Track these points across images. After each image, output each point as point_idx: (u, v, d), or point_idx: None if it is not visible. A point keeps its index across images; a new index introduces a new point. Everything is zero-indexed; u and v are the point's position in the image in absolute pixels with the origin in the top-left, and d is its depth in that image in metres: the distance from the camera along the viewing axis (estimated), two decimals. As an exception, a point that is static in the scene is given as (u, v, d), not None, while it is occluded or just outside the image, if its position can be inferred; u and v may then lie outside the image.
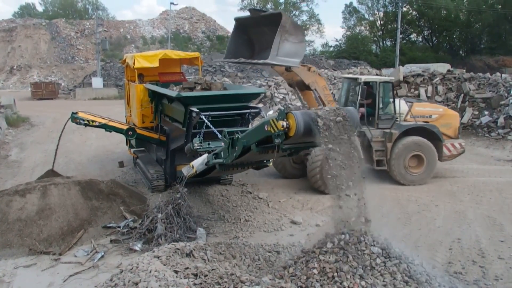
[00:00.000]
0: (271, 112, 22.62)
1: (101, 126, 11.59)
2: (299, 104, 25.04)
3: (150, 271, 5.53)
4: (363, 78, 12.90)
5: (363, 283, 5.35)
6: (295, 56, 10.85)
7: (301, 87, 13.26)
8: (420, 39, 74.02)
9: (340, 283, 5.35)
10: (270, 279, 5.53)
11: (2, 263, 7.94)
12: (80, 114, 11.52)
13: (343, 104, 13.43)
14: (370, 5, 74.25)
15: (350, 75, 17.64)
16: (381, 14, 73.92)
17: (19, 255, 8.17)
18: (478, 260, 7.81)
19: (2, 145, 18.21)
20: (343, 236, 5.94)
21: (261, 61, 10.38)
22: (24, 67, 59.57)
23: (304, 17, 78.94)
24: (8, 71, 59.86)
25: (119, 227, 9.08)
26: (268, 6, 77.64)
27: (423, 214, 10.34)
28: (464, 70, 27.23)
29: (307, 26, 78.33)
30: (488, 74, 23.55)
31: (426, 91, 23.25)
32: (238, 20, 11.15)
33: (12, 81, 57.39)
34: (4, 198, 9.22)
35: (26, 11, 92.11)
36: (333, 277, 5.44)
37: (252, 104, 10.37)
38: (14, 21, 75.73)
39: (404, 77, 23.94)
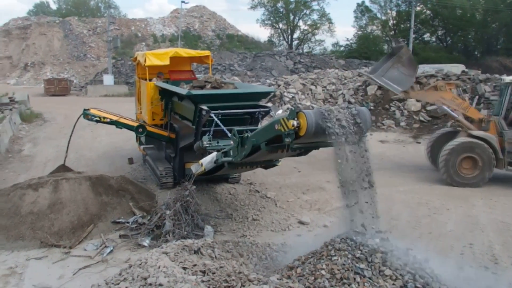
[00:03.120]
0: (280, 112, 22.71)
1: (112, 122, 11.68)
2: (308, 103, 25.11)
3: (159, 267, 5.58)
4: None
5: (371, 286, 5.35)
6: (399, 84, 12.57)
7: None
8: (434, 39, 73.01)
9: (349, 285, 5.36)
10: (277, 279, 5.56)
11: (15, 254, 8.11)
12: (92, 111, 11.62)
13: (505, 111, 13.04)
14: (382, 4, 73.64)
15: None
16: (394, 13, 73.24)
17: (31, 247, 8.34)
18: (490, 266, 7.69)
19: (16, 140, 18.44)
20: (351, 238, 5.96)
21: (369, 74, 12.82)
22: (38, 64, 60.03)
23: (315, 16, 78.63)
24: (22, 67, 60.33)
25: (128, 222, 9.19)
26: (279, 5, 77.61)
27: (434, 218, 10.21)
28: (480, 71, 26.86)
29: (318, 25, 78.07)
30: (504, 75, 23.26)
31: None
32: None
33: (26, 78, 57.85)
34: (18, 192, 9.41)
35: (40, 9, 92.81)
36: (341, 278, 5.45)
37: (261, 103, 10.40)
38: (28, 19, 76.14)
39: (416, 78, 23.75)
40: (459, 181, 12.64)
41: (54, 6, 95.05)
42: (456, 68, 29.86)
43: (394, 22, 72.89)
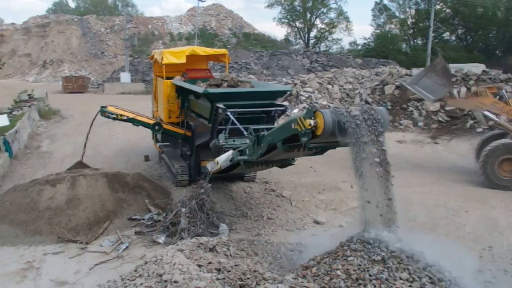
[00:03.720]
0: (296, 110, 22.66)
1: (129, 120, 11.77)
2: (325, 102, 25.00)
3: (174, 264, 5.60)
4: None
5: (387, 288, 5.31)
6: (432, 93, 12.74)
7: None
8: (454, 38, 72.14)
9: (364, 286, 5.31)
10: (293, 278, 5.53)
11: (32, 249, 8.20)
12: (109, 108, 11.71)
13: None
14: (401, 2, 73.04)
15: None
16: (413, 12, 72.56)
17: (48, 242, 8.43)
18: (510, 269, 7.54)
19: (35, 136, 18.66)
20: (368, 238, 5.91)
21: (403, 81, 13.45)
22: (56, 62, 60.68)
23: (332, 15, 78.30)
24: (41, 65, 61.03)
25: (143, 219, 9.22)
26: (296, 3, 77.41)
27: (452, 220, 10.00)
28: (501, 71, 26.38)
29: (335, 24, 77.70)
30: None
31: (459, 92, 22.79)
32: None
33: (44, 75, 58.48)
34: (36, 187, 9.53)
35: (59, 8, 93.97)
36: (357, 279, 5.40)
37: (278, 102, 10.37)
38: (47, 17, 77.09)
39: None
40: (497, 183, 12.32)
41: (72, 5, 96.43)
42: (477, 68, 29.35)
43: (413, 20, 72.10)
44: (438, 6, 62.89)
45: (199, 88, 10.20)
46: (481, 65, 34.33)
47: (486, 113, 13.03)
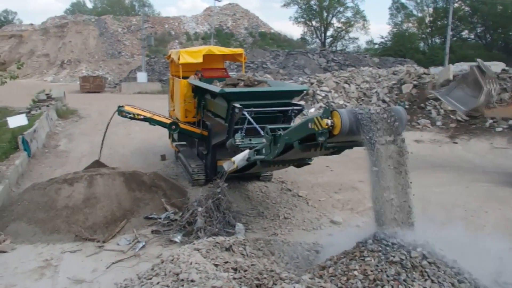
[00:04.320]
0: (313, 110, 22.59)
1: (146, 119, 11.83)
2: (341, 102, 24.88)
3: (191, 263, 5.60)
4: None
5: (406, 288, 5.24)
6: (463, 104, 12.99)
7: None
8: (472, 36, 71.44)
9: (382, 287, 5.26)
10: (309, 278, 5.50)
11: (50, 247, 8.27)
12: (126, 108, 11.78)
13: None
14: (419, 1, 72.53)
15: None
16: (431, 10, 71.95)
17: (65, 240, 8.50)
18: (530, 271, 7.46)
19: (52, 135, 18.84)
20: (385, 238, 5.86)
21: (435, 92, 14.23)
22: (74, 62, 61.23)
23: (349, 14, 78.01)
24: (59, 65, 61.62)
25: (160, 218, 9.25)
26: (312, 2, 77.21)
27: (471, 220, 9.86)
28: (522, 70, 26.08)
29: (352, 23, 77.36)
30: None
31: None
32: None
33: (62, 75, 59.04)
34: (54, 186, 9.62)
35: (76, 8, 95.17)
36: (374, 280, 5.35)
37: (294, 101, 10.33)
38: (65, 17, 78.02)
39: (453, 76, 23.27)
40: None
41: (90, 5, 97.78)
42: (496, 67, 28.95)
43: (431, 19, 71.56)
44: (456, 4, 62.38)
45: (216, 87, 10.20)
46: (501, 64, 33.79)
47: None
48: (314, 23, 79.86)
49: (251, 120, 8.93)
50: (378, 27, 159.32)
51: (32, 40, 67.04)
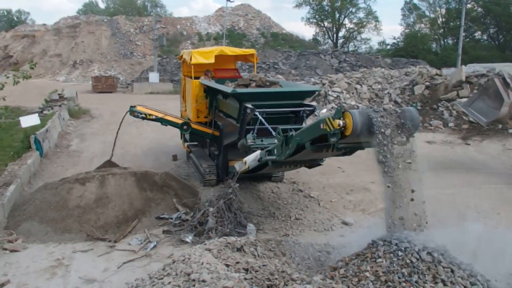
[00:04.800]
0: (324, 111, 22.54)
1: (158, 120, 11.87)
2: (353, 103, 24.79)
3: (202, 263, 5.60)
4: None
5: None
6: (485, 116, 13.12)
7: None
8: (485, 37, 70.97)
9: (393, 289, 5.24)
10: (321, 279, 5.48)
11: (62, 247, 8.32)
12: (138, 108, 11.83)
13: None
14: (431, 1, 72.18)
15: None
16: (443, 11, 71.59)
17: (77, 240, 8.55)
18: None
19: (65, 135, 18.94)
20: (397, 240, 5.82)
21: (457, 103, 14.28)
22: (86, 62, 61.53)
23: (361, 14, 77.76)
24: (71, 65, 61.94)
25: (171, 218, 9.28)
26: (324, 3, 77.04)
27: (483, 222, 9.71)
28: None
29: (364, 23, 77.10)
30: None
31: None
32: None
33: (74, 75, 59.35)
34: (65, 186, 9.68)
35: (89, 8, 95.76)
36: (386, 281, 5.33)
37: (306, 102, 10.31)
38: (78, 17, 78.35)
39: (466, 77, 23.12)
40: None
41: (102, 5, 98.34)
42: (509, 68, 28.77)
43: (443, 20, 71.17)
44: (469, 5, 61.96)
45: (228, 88, 10.22)
46: (515, 65, 33.51)
47: None
48: (326, 23, 79.78)
49: (263, 120, 8.93)
50: (390, 28, 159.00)
51: (45, 40, 67.45)
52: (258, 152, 8.52)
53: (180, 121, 12.04)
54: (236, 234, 8.29)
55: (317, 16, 78.83)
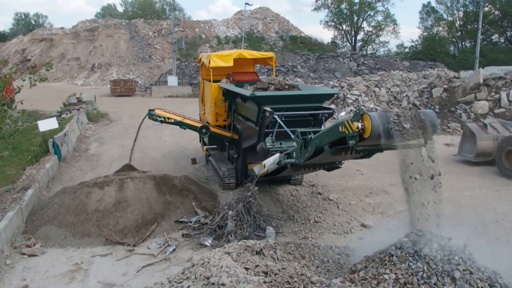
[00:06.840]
0: (343, 114, 22.45)
1: (177, 123, 11.93)
2: (372, 105, 24.67)
3: (221, 267, 5.60)
4: None
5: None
6: (471, 154, 14.63)
7: None
8: (503, 40, 70.25)
9: (413, 291, 5.20)
10: (340, 282, 5.46)
11: (81, 251, 8.35)
12: (157, 111, 11.91)
13: None
14: (449, 4, 71.60)
15: None
16: (461, 14, 71.02)
17: (96, 244, 8.57)
18: None
19: (83, 139, 19.11)
20: (415, 242, 5.78)
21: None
22: (105, 65, 62.06)
23: (379, 18, 77.46)
24: (89, 68, 62.53)
25: (190, 222, 9.29)
26: (342, 6, 76.84)
27: (502, 224, 9.71)
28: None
29: (382, 26, 76.76)
30: None
31: (508, 95, 22.09)
32: None
33: (93, 78, 59.91)
34: (84, 190, 9.72)
35: (107, 12, 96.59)
36: (405, 283, 5.30)
37: (325, 105, 10.29)
38: (96, 21, 79.19)
39: (484, 80, 22.91)
40: None
41: (120, 9, 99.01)
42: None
43: (461, 23, 70.62)
44: (486, 8, 61.38)
45: (246, 91, 10.23)
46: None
47: None
48: (344, 27, 79.63)
49: (282, 123, 8.91)
50: (408, 31, 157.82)
51: (63, 44, 68.08)
52: (277, 155, 8.51)
53: (199, 125, 12.08)
54: (255, 237, 8.29)
55: (335, 19, 78.78)
